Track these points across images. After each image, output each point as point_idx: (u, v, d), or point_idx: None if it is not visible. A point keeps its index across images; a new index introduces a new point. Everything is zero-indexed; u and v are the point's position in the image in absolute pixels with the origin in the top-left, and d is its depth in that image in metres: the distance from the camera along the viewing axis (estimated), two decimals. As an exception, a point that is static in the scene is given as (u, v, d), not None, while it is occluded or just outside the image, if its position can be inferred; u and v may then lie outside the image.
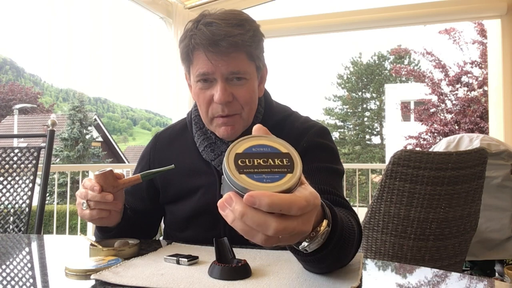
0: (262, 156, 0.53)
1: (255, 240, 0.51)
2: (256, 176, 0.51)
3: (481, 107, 12.15)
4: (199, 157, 1.10)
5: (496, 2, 3.82)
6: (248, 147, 0.55)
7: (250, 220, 0.50)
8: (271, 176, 0.51)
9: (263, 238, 0.50)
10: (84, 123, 24.50)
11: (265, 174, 0.52)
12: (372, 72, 30.24)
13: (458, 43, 13.28)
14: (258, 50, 1.03)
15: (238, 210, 0.50)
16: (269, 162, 0.53)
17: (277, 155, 0.54)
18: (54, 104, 44.74)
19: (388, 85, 24.15)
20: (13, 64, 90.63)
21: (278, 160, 0.53)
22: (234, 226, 0.52)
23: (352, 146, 28.65)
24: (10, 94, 31.24)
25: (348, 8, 4.37)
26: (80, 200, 0.94)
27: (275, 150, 0.55)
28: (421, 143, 13.36)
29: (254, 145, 0.55)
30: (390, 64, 28.93)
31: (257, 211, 0.49)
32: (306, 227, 0.53)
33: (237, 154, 0.53)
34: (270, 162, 0.53)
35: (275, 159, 0.53)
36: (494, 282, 0.93)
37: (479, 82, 12.57)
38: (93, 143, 25.63)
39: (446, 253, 1.82)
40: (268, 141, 0.56)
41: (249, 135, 0.57)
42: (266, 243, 0.51)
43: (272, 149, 0.55)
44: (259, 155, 0.54)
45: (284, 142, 0.56)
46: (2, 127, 25.99)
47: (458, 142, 2.49)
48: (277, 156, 0.54)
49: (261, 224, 0.49)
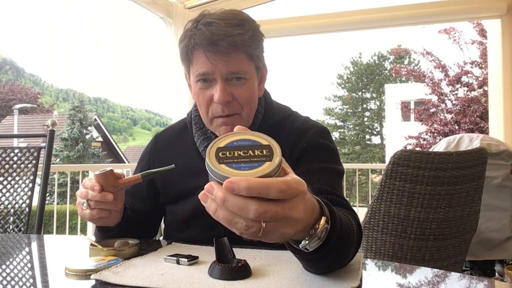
0: (242, 149, 0.55)
1: (237, 228, 0.52)
2: (235, 165, 0.53)
3: (481, 107, 12.15)
4: (199, 157, 1.10)
5: (496, 2, 3.82)
6: (230, 142, 0.57)
7: (231, 205, 0.51)
8: (249, 164, 0.53)
9: (244, 225, 0.51)
10: (84, 123, 24.50)
11: (244, 163, 0.53)
12: (372, 72, 30.25)
13: (458, 43, 13.29)
14: (257, 50, 1.03)
15: (219, 196, 0.51)
16: (249, 153, 0.55)
17: (257, 147, 0.56)
18: (54, 104, 44.75)
19: (388, 85, 24.15)
20: (13, 64, 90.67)
21: (258, 151, 0.55)
22: (217, 216, 0.53)
23: (352, 146, 28.65)
24: (10, 94, 31.24)
25: (348, 8, 4.37)
26: (80, 199, 0.94)
27: (256, 143, 0.57)
28: (421, 143, 13.36)
29: (236, 140, 0.57)
30: (390, 64, 28.94)
31: (238, 196, 0.50)
32: (295, 213, 0.53)
33: (218, 148, 0.56)
34: (250, 153, 0.55)
35: (255, 150, 0.55)
36: (494, 282, 0.93)
37: (479, 82, 12.57)
38: (93, 143, 25.63)
39: (446, 253, 1.82)
40: (250, 135, 0.58)
41: (233, 132, 0.59)
42: (250, 230, 0.51)
43: (253, 142, 0.57)
44: (240, 148, 0.56)
45: (266, 136, 0.58)
46: (2, 127, 25.99)
47: (458, 142, 2.49)
48: (258, 147, 0.56)
49: (242, 208, 0.50)
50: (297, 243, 0.63)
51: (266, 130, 1.07)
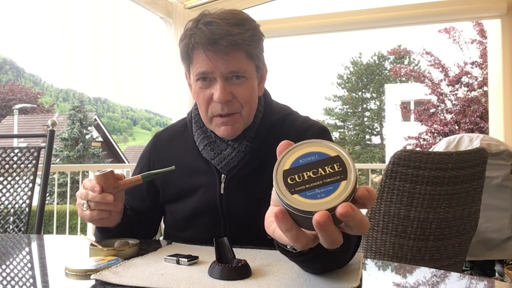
0: (311, 168, 0.50)
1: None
2: (309, 193, 0.49)
3: (481, 107, 12.14)
4: (199, 156, 1.10)
5: (496, 2, 3.81)
6: (295, 160, 0.51)
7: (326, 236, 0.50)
8: (324, 189, 0.49)
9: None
10: (84, 123, 24.48)
11: (318, 188, 0.49)
12: (372, 72, 30.25)
13: (458, 42, 13.28)
14: (257, 50, 1.03)
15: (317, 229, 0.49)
16: (320, 172, 0.50)
17: (326, 162, 0.51)
18: (54, 104, 44.74)
19: (388, 85, 24.14)
20: (13, 64, 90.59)
21: (329, 168, 0.50)
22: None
23: (352, 146, 28.63)
24: (10, 94, 31.23)
25: (348, 8, 4.37)
26: (80, 200, 0.94)
27: (324, 155, 0.51)
28: (421, 143, 13.35)
29: (301, 156, 0.52)
30: (390, 64, 28.94)
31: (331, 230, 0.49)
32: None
33: (285, 172, 0.50)
34: (320, 172, 0.50)
35: (325, 167, 0.50)
36: (494, 282, 0.93)
37: (479, 82, 12.56)
38: (93, 143, 25.61)
39: (446, 253, 1.82)
40: (314, 146, 0.52)
41: (293, 145, 0.53)
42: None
43: (320, 155, 0.51)
44: (308, 166, 0.51)
45: (329, 142, 0.52)
46: (2, 127, 25.98)
47: (458, 142, 2.49)
48: (327, 162, 0.50)
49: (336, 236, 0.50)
50: (285, 244, 0.62)
51: (265, 130, 1.08)
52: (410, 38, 28.68)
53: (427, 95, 14.01)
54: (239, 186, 1.06)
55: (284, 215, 0.50)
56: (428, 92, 13.83)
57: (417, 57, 19.84)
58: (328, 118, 30.00)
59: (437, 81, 13.61)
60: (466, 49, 13.16)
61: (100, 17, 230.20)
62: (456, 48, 13.35)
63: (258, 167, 1.06)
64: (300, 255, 0.64)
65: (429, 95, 13.88)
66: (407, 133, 14.02)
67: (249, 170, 1.06)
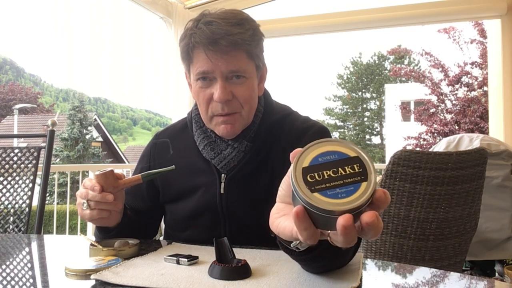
0: (331, 166, 0.50)
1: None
2: (329, 192, 0.48)
3: (481, 107, 12.14)
4: (199, 156, 1.10)
5: (496, 2, 3.82)
6: (314, 158, 0.51)
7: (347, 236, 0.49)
8: (345, 189, 0.48)
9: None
10: (84, 123, 24.49)
11: (339, 188, 0.49)
12: (372, 72, 30.27)
13: (458, 42, 13.28)
14: (257, 49, 1.03)
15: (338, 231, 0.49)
16: (340, 172, 0.50)
17: (346, 162, 0.50)
18: (54, 104, 44.74)
19: (388, 85, 24.14)
20: (13, 64, 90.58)
21: (349, 168, 0.50)
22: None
23: (352, 146, 28.60)
24: (10, 94, 31.23)
25: (348, 8, 4.37)
26: (80, 200, 0.94)
27: (343, 155, 0.51)
28: (421, 143, 13.36)
29: (320, 154, 0.51)
30: (390, 64, 28.96)
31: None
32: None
33: (304, 169, 0.50)
34: (340, 171, 0.50)
35: (345, 167, 0.50)
36: (494, 282, 0.93)
37: (479, 82, 12.56)
38: (93, 143, 25.61)
39: (446, 253, 1.82)
40: (333, 145, 0.52)
41: (312, 143, 0.52)
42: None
43: (339, 155, 0.51)
44: (328, 165, 0.50)
45: (348, 142, 0.52)
46: (2, 127, 25.98)
47: (458, 142, 2.49)
48: (347, 162, 0.50)
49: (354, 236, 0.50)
50: (288, 243, 0.63)
51: (265, 129, 1.08)
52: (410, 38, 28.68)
53: (427, 95, 14.02)
54: (239, 185, 1.06)
55: (305, 214, 0.49)
56: (428, 92, 13.83)
57: (417, 57, 19.89)
58: (328, 118, 30.05)
59: (437, 81, 13.61)
60: (466, 49, 13.16)
61: (100, 17, 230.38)
62: (456, 48, 13.35)
63: (258, 167, 1.06)
64: (303, 254, 0.64)
65: (429, 95, 13.89)
66: (407, 133, 14.02)
67: (249, 170, 1.06)
